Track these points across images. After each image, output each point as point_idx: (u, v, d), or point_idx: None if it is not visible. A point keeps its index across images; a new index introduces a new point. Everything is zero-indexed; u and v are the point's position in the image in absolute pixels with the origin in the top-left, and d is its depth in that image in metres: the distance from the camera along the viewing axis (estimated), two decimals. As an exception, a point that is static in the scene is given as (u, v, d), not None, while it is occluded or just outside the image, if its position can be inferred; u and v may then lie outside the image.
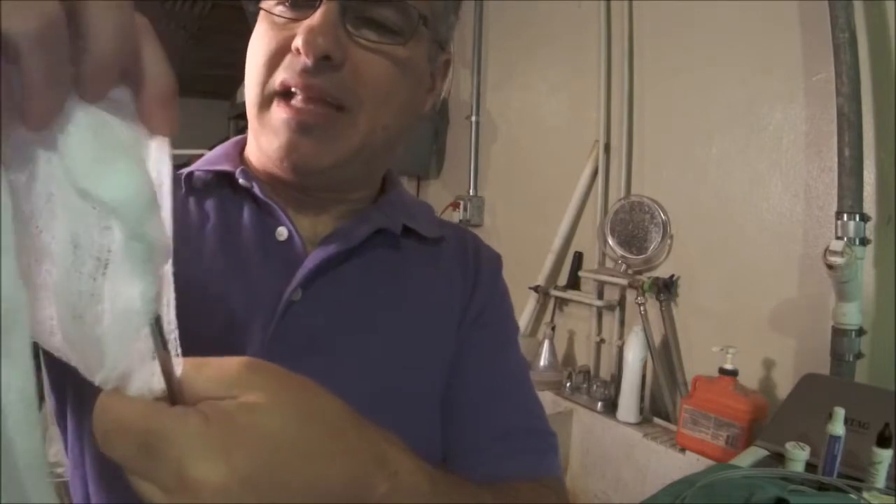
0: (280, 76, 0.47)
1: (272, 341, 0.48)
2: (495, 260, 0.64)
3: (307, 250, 0.52)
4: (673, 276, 1.57)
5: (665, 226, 1.60)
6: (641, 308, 1.56)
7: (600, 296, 1.77)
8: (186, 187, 0.54)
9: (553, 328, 1.81)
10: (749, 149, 1.45)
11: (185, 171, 0.54)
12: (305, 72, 0.45)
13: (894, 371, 1.16)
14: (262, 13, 0.49)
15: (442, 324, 0.56)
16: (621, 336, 1.71)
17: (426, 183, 2.56)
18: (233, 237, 0.52)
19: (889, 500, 0.90)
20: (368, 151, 0.51)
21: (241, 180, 0.52)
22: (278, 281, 0.49)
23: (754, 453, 1.12)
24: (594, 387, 1.65)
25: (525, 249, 1.98)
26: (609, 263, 1.78)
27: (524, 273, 1.93)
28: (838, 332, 1.20)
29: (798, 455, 0.99)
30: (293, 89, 0.46)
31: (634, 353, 1.53)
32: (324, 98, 0.46)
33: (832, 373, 1.21)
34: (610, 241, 1.70)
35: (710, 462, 1.24)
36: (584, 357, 1.84)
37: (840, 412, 0.96)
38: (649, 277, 1.59)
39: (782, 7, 1.37)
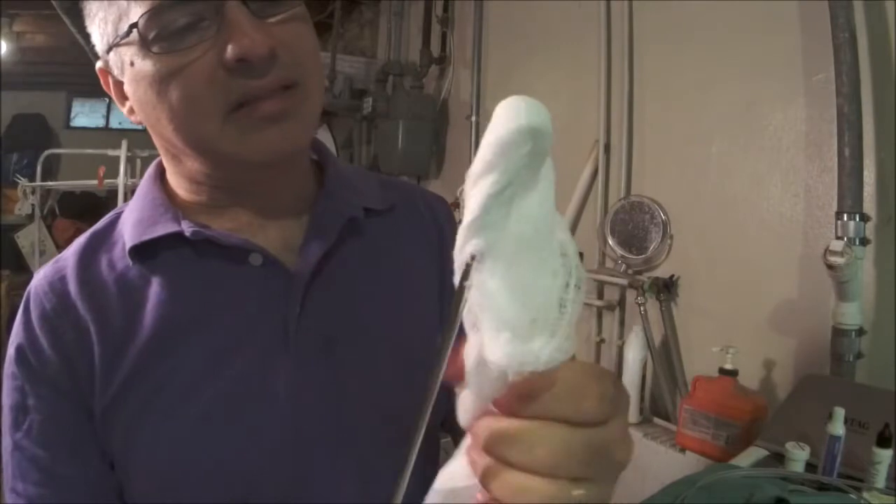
0: (234, 94, 0.46)
1: (295, 355, 0.52)
2: (445, 205, 0.66)
3: (287, 265, 0.53)
4: (673, 276, 1.57)
5: (665, 226, 1.60)
6: (641, 308, 1.56)
7: (600, 296, 1.77)
8: (138, 261, 0.52)
9: (553, 328, 1.81)
10: (749, 149, 1.45)
11: (129, 245, 0.52)
12: (261, 76, 0.46)
13: (894, 371, 1.16)
14: (152, 58, 0.46)
15: (428, 291, 0.60)
16: (621, 336, 1.71)
17: (426, 183, 2.56)
18: (217, 292, 0.52)
19: (889, 501, 0.90)
20: (319, 112, 0.53)
21: (193, 238, 0.51)
22: (277, 304, 0.52)
23: (754, 453, 1.11)
24: (594, 387, 1.65)
25: (525, 249, 1.98)
26: (609, 263, 1.77)
27: (524, 273, 1.92)
28: (838, 332, 1.20)
29: (798, 455, 0.99)
30: (255, 94, 0.46)
31: (634, 353, 1.53)
32: (281, 85, 0.47)
33: (832, 373, 1.21)
34: (610, 241, 1.70)
35: (710, 462, 1.24)
36: (583, 357, 1.83)
37: (840, 412, 0.96)
38: (649, 277, 1.59)
39: (782, 7, 1.37)
